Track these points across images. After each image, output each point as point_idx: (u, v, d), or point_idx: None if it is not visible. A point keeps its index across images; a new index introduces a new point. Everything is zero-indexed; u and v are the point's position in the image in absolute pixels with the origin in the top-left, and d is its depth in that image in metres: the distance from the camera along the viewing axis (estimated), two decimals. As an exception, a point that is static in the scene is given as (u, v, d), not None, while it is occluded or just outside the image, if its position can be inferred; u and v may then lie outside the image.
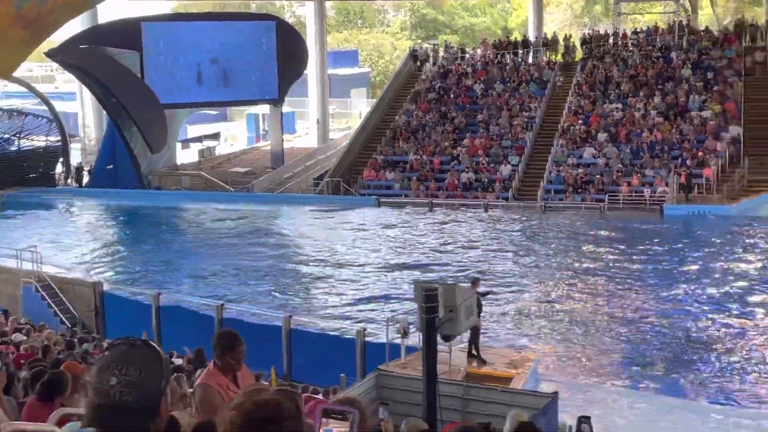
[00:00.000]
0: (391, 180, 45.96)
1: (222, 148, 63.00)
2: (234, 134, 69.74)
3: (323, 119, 59.89)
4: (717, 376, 20.70)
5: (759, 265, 30.77)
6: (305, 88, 59.44)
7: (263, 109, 60.18)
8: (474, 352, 19.43)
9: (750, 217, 37.76)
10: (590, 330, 24.34)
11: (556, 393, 14.02)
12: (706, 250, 33.45)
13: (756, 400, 19.32)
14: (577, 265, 31.90)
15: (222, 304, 22.90)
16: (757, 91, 45.57)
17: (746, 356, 21.93)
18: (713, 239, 35.13)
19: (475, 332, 19.15)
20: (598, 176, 42.27)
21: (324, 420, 2.73)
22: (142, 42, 48.86)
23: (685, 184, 40.13)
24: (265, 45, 51.27)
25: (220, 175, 50.53)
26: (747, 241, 34.70)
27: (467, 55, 55.91)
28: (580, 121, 46.19)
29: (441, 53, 56.38)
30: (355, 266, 32.62)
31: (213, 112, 68.30)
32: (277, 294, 29.49)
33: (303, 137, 64.10)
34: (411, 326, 18.68)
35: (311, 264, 33.59)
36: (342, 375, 18.52)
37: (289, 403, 2.54)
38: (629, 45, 51.80)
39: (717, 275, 29.54)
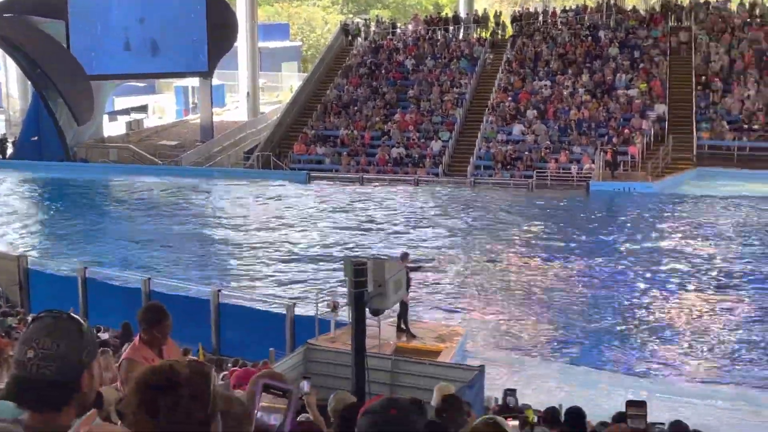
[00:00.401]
0: (321, 155, 45.83)
1: (150, 121, 61.98)
2: (162, 107, 68.67)
3: (253, 93, 59.30)
4: (640, 348, 21.19)
5: (680, 240, 31.50)
6: (235, 61, 58.72)
7: (192, 81, 59.36)
8: (403, 326, 19.59)
9: (672, 195, 38.62)
10: (518, 304, 24.69)
11: (482, 366, 14.22)
12: (630, 226, 34.13)
13: (678, 373, 19.82)
14: (505, 240, 32.27)
15: (149, 278, 22.64)
16: (681, 70, 46.47)
17: (668, 329, 22.48)
18: (637, 216, 35.84)
19: (404, 307, 19.29)
20: (526, 153, 42.72)
21: (263, 395, 2.71)
22: (68, 10, 47.77)
23: (611, 161, 40.82)
24: (194, 16, 50.49)
25: (148, 149, 49.79)
26: (668, 217, 35.48)
27: (398, 31, 55.87)
28: (509, 98, 46.58)
29: (372, 28, 56.22)
30: (285, 241, 32.51)
31: (141, 84, 67.14)
32: (205, 268, 29.27)
33: (233, 111, 63.41)
34: (341, 301, 18.76)
35: (241, 239, 33.39)
36: (271, 349, 18.51)
37: (188, 371, 2.48)
38: (558, 23, 52.31)
39: (640, 251, 30.17)
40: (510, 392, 12.95)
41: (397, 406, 3.31)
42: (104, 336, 16.94)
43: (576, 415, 8.58)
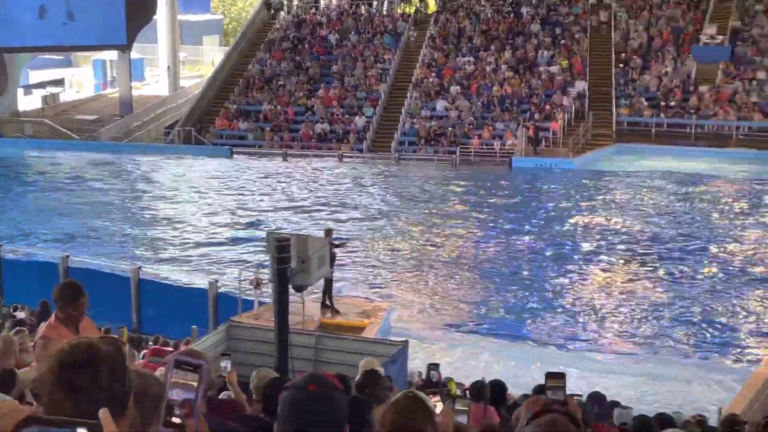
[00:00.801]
0: (244, 130, 45.38)
1: (67, 95, 60.47)
2: (79, 81, 67.06)
3: (174, 67, 58.26)
4: (560, 321, 21.52)
5: (599, 216, 32.05)
6: (154, 33, 57.58)
7: (110, 55, 58.06)
8: (327, 302, 19.56)
9: (592, 170, 39.26)
10: (442, 279, 24.85)
11: (406, 341, 14.28)
12: (551, 201, 34.60)
13: (596, 345, 20.20)
14: (429, 216, 32.41)
15: (67, 255, 22.15)
16: (601, 48, 47.13)
17: (587, 303, 22.88)
18: (558, 191, 36.35)
19: (328, 283, 19.26)
20: (450, 129, 42.92)
21: (174, 371, 2.63)
22: (-23, -21, 46.21)
23: (533, 137, 41.28)
24: (112, -13, 49.27)
25: (64, 123, 48.62)
26: (588, 192, 36.05)
27: (322, 5, 55.47)
28: (433, 74, 46.69)
29: (295, 2, 55.71)
30: (208, 217, 32.16)
31: (57, 57, 65.43)
32: (125, 245, 28.78)
33: (152, 85, 62.24)
34: (264, 278, 18.61)
35: (162, 215, 32.91)
36: (194, 327, 18.28)
37: (106, 347, 2.42)
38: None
39: (561, 226, 30.62)
40: (433, 366, 13.00)
41: (318, 382, 3.27)
42: (20, 315, 16.52)
43: (497, 387, 8.67)
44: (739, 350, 19.85)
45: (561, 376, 4.09)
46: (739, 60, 44.24)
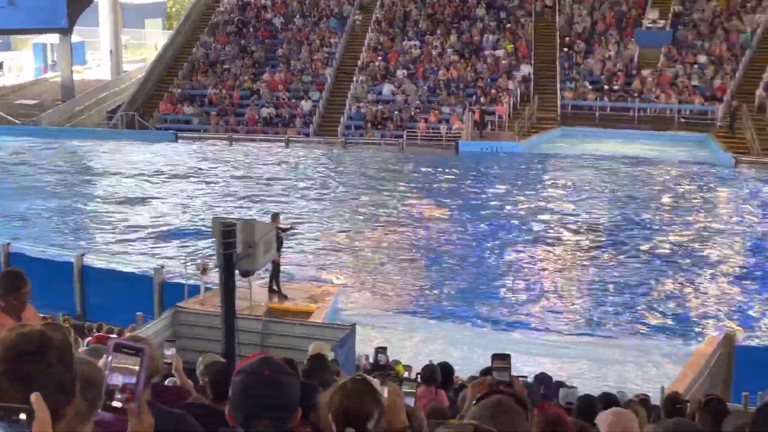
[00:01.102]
0: (189, 114, 44.91)
1: (6, 79, 59.25)
2: (19, 64, 65.67)
3: (116, 50, 57.36)
4: (506, 304, 21.71)
5: (543, 198, 32.34)
6: (96, 16, 56.61)
7: (51, 38, 56.96)
8: (275, 287, 19.49)
9: (537, 154, 39.57)
10: (390, 263, 24.89)
11: (353, 325, 14.29)
12: (497, 184, 34.80)
13: (540, 327, 20.40)
14: (376, 199, 32.42)
15: (8, 242, 21.76)
16: (545, 32, 47.42)
17: (530, 286, 23.10)
18: (503, 175, 36.58)
19: (276, 268, 19.19)
20: (396, 113, 42.93)
21: (115, 355, 2.58)
22: None
23: (479, 121, 41.45)
24: (51, -31, 48.36)
25: (4, 108, 47.67)
26: (533, 175, 36.34)
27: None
28: (379, 58, 46.60)
29: (240, -15, 55.07)
30: (153, 203, 31.81)
31: (-5, 40, 64.01)
32: (69, 232, 28.36)
33: (95, 69, 61.21)
34: (210, 263, 18.47)
35: (106, 200, 32.48)
36: (139, 313, 18.07)
37: (55, 334, 2.39)
38: (427, -17, 52.44)
39: (506, 209, 30.82)
40: (381, 350, 13.06)
41: (272, 366, 3.26)
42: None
43: (445, 370, 8.72)
44: (682, 330, 20.19)
45: (506, 357, 4.12)
46: (680, 44, 44.84)
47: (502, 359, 4.24)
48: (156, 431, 2.65)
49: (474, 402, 3.54)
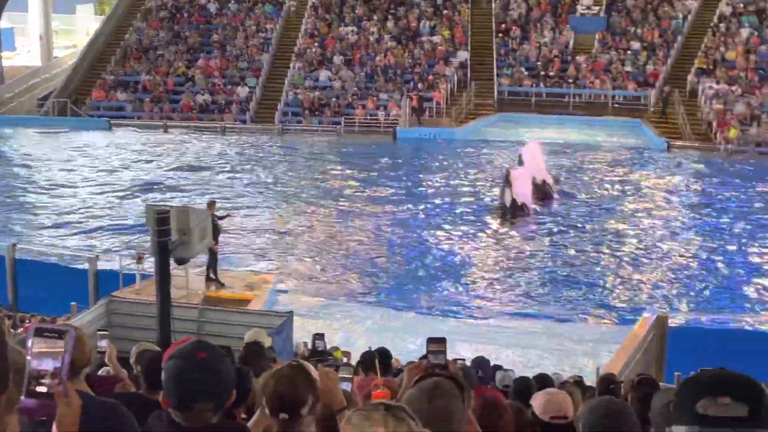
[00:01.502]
0: (122, 101, 44.21)
1: (-68, 66, 57.62)
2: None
3: (46, 36, 56.16)
4: (443, 289, 21.80)
5: (479, 184, 32.52)
6: (25, 1, 55.37)
7: (-22, 24, 55.56)
8: (212, 275, 19.30)
9: (474, 140, 39.76)
10: (328, 250, 24.83)
11: (291, 312, 14.22)
12: (434, 171, 34.89)
13: (477, 311, 20.53)
14: (314, 186, 32.31)
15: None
16: (481, 19, 47.62)
17: (468, 271, 23.25)
18: (441, 161, 36.68)
19: (213, 256, 19.01)
20: (334, 99, 42.79)
21: (36, 339, 2.50)
22: None
23: (417, 107, 41.51)
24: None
25: (-69, 95, 46.39)
26: (470, 162, 36.51)
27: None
28: (316, 44, 46.37)
29: (173, -30, 54.28)
30: (87, 191, 31.27)
31: None
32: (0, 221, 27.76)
33: (24, 55, 59.86)
34: (146, 251, 18.23)
35: (39, 190, 31.84)
36: (73, 303, 17.75)
37: None
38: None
39: (443, 195, 30.93)
40: (318, 336, 13.02)
41: (206, 349, 3.23)
42: None
43: (383, 355, 8.70)
44: (616, 313, 20.50)
45: (442, 341, 4.12)
46: (614, 30, 45.42)
47: (437, 343, 4.24)
48: (87, 421, 2.59)
49: (411, 385, 3.54)
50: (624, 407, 3.86)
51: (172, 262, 11.82)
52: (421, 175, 34.17)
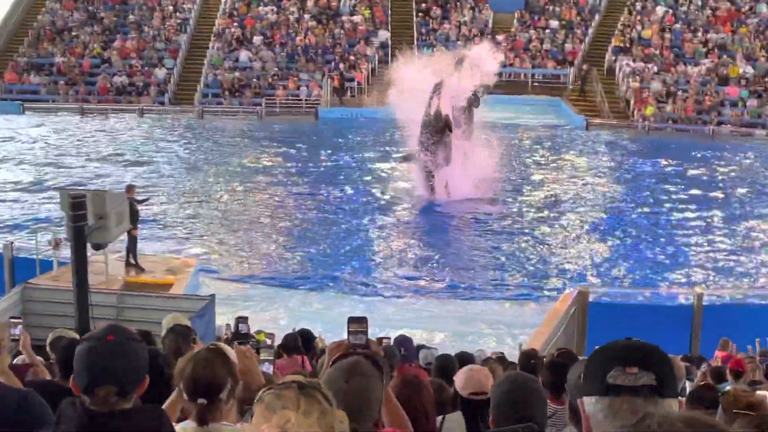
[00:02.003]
0: (36, 84, 43.08)
1: None
2: None
3: (-45, 17, 54.47)
4: (367, 270, 21.82)
5: (402, 164, 32.57)
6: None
7: None
8: (132, 260, 18.98)
9: (394, 119, 39.66)
10: (251, 232, 24.61)
11: (212, 295, 14.07)
12: (357, 151, 34.84)
13: (401, 290, 20.58)
14: (237, 168, 31.98)
15: None
16: (400, 1, 47.69)
17: (391, 251, 23.31)
18: (364, 141, 36.64)
19: (133, 240, 18.69)
20: (254, 80, 42.38)
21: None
22: None
23: (339, 87, 41.36)
24: None
25: None
26: (392, 141, 36.48)
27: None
28: (235, 24, 45.82)
29: (87, -51, 53.04)
30: (1, 177, 30.45)
31: None
32: None
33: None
34: (62, 237, 17.82)
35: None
36: (-13, 292, 17.32)
37: None
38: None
39: (366, 176, 30.90)
40: (242, 319, 12.90)
41: (116, 332, 3.20)
42: None
43: (306, 336, 8.69)
44: (539, 288, 20.76)
45: (362, 321, 4.11)
46: (532, 9, 45.84)
47: (358, 322, 4.23)
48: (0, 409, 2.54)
49: (330, 364, 3.54)
50: (528, 380, 3.93)
51: (89, 247, 11.57)
52: (343, 155, 34.07)
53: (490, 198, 27.85)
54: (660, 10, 44.38)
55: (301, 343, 8.56)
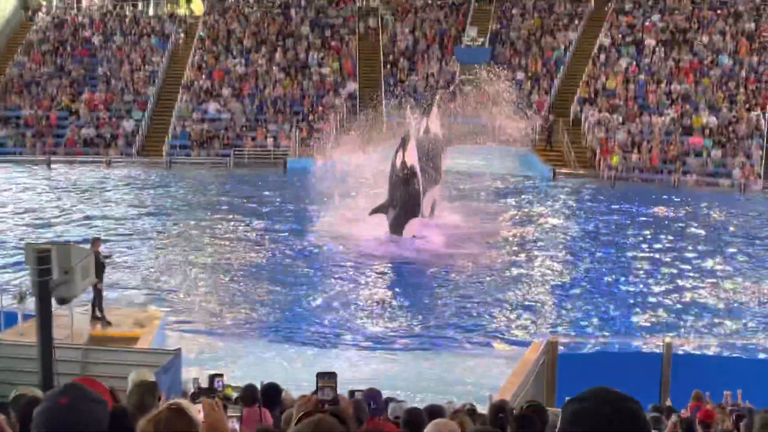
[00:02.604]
0: (3, 137, 42.83)
1: None
2: None
3: None
4: (337, 321, 21.68)
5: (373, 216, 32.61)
6: None
7: None
8: (98, 314, 18.75)
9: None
10: (218, 284, 24.42)
11: (179, 349, 13.89)
12: (325, 200, 34.80)
13: (371, 342, 20.47)
14: (203, 220, 31.80)
15: None
16: (369, 49, 48.10)
17: (360, 301, 23.19)
18: (333, 190, 36.63)
19: (98, 294, 18.49)
20: (223, 131, 42.43)
21: None
22: None
23: (307, 137, 41.49)
24: None
25: None
26: (360, 190, 36.59)
27: (83, 5, 53.33)
28: (203, 76, 45.97)
29: (55, 2, 53.25)
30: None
31: None
32: None
33: None
34: (28, 290, 17.59)
35: None
36: (-51, 348, 16.98)
37: None
38: (251, 1, 52.26)
39: (334, 225, 30.82)
40: (217, 376, 12.83)
41: (71, 393, 3.15)
42: None
43: (272, 390, 8.58)
44: (509, 339, 20.70)
45: (332, 376, 4.08)
46: (498, 61, 46.40)
47: (327, 378, 4.20)
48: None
49: (296, 422, 3.51)
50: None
51: (54, 301, 11.42)
52: (310, 204, 34.03)
53: (460, 246, 27.90)
54: (624, 61, 45.09)
55: (265, 395, 8.46)
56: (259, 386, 9.14)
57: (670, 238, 29.99)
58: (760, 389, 14.16)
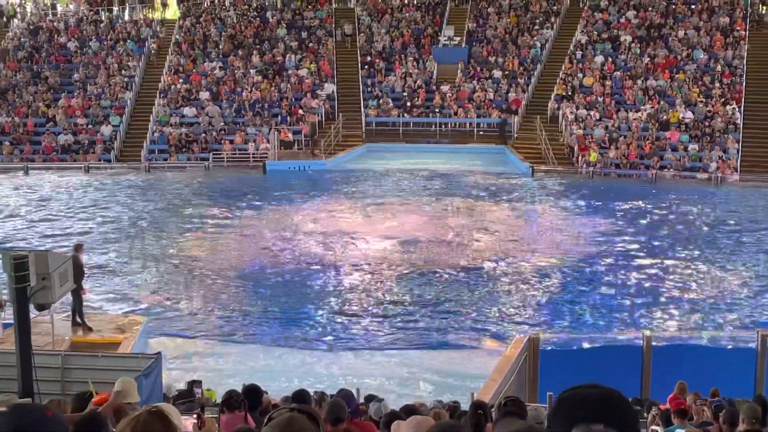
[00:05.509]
0: (-21, 145, 42.58)
1: None
2: None
3: None
4: (320, 323, 21.71)
5: (348, 213, 32.68)
6: None
7: None
8: (78, 319, 18.71)
9: (343, 170, 39.99)
10: (200, 288, 24.36)
11: (159, 354, 13.87)
12: (304, 202, 34.85)
13: (356, 343, 20.51)
14: (182, 224, 31.72)
15: None
16: (347, 51, 48.15)
17: (344, 302, 23.23)
18: (311, 191, 36.70)
19: (79, 299, 18.45)
20: (201, 135, 42.35)
21: None
22: None
23: (285, 140, 41.48)
24: None
25: None
26: (340, 191, 36.66)
27: (59, 11, 53.07)
28: (180, 81, 45.85)
29: (29, 8, 52.96)
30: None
31: None
32: None
33: None
34: (5, 298, 17.52)
35: None
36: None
37: None
38: (226, 4, 52.17)
39: (318, 227, 30.88)
40: (196, 384, 12.85)
41: (15, 416, 3.17)
42: None
43: (253, 392, 8.60)
44: (491, 336, 20.80)
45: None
46: (475, 59, 46.54)
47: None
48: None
49: (266, 421, 3.51)
50: (453, 427, 3.94)
51: (33, 308, 11.41)
52: (290, 206, 34.05)
53: (444, 245, 28.01)
54: (599, 58, 45.31)
55: (246, 398, 8.47)
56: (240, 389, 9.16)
57: (649, 231, 30.19)
58: (738, 378, 14.32)
